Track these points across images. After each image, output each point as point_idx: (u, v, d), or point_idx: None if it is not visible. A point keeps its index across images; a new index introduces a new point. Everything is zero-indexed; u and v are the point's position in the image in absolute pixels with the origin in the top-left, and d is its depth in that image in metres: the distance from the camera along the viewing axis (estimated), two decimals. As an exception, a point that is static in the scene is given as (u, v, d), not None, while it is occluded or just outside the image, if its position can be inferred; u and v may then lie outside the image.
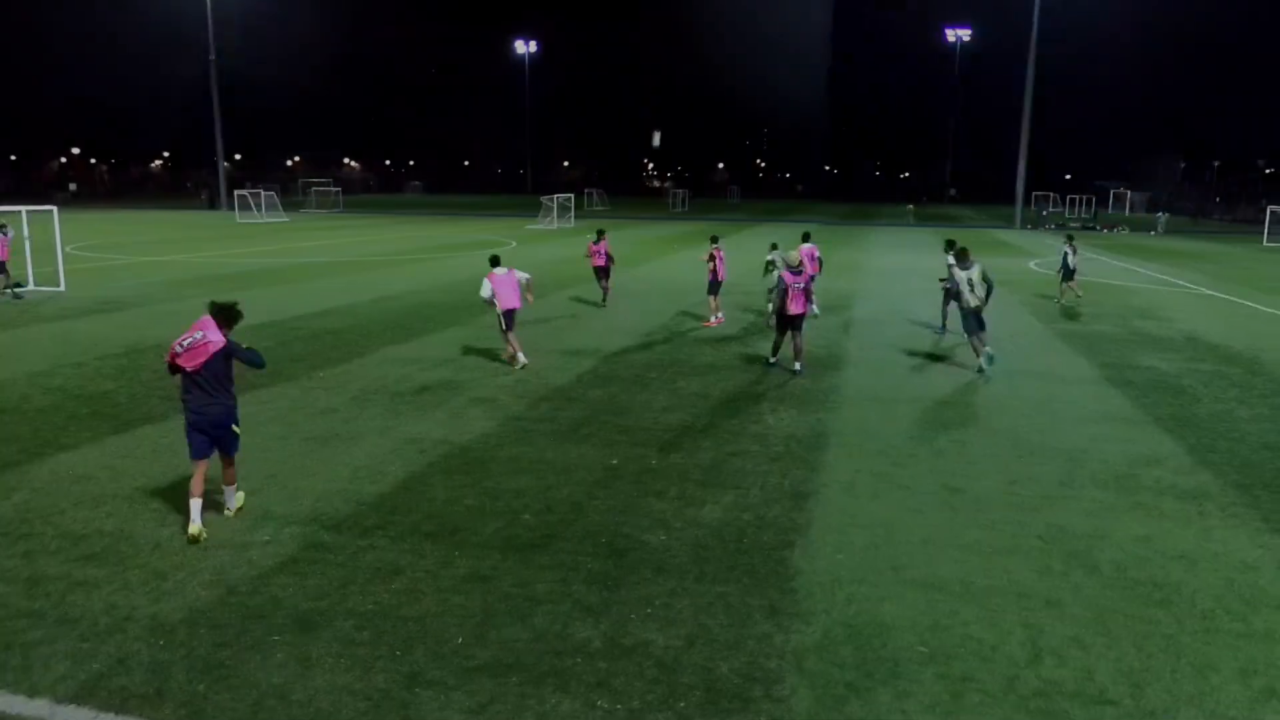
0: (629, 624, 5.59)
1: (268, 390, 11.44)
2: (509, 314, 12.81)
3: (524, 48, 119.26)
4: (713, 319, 17.48)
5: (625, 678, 5.00)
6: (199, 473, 6.84)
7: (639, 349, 14.68)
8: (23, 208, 22.54)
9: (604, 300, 19.80)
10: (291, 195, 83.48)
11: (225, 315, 7.04)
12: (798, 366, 12.90)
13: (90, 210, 65.56)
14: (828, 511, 7.56)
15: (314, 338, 15.28)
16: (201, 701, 4.71)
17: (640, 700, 4.79)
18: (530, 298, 13.47)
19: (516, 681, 4.94)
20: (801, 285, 12.61)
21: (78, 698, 4.73)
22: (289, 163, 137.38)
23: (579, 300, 20.53)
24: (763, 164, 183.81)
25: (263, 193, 60.58)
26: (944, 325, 16.84)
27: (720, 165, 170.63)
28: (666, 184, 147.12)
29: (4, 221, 20.41)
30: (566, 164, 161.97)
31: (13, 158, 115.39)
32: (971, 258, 13.55)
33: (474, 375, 12.48)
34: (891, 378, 12.84)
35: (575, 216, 57.74)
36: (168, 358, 6.93)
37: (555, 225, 52.04)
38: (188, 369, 6.76)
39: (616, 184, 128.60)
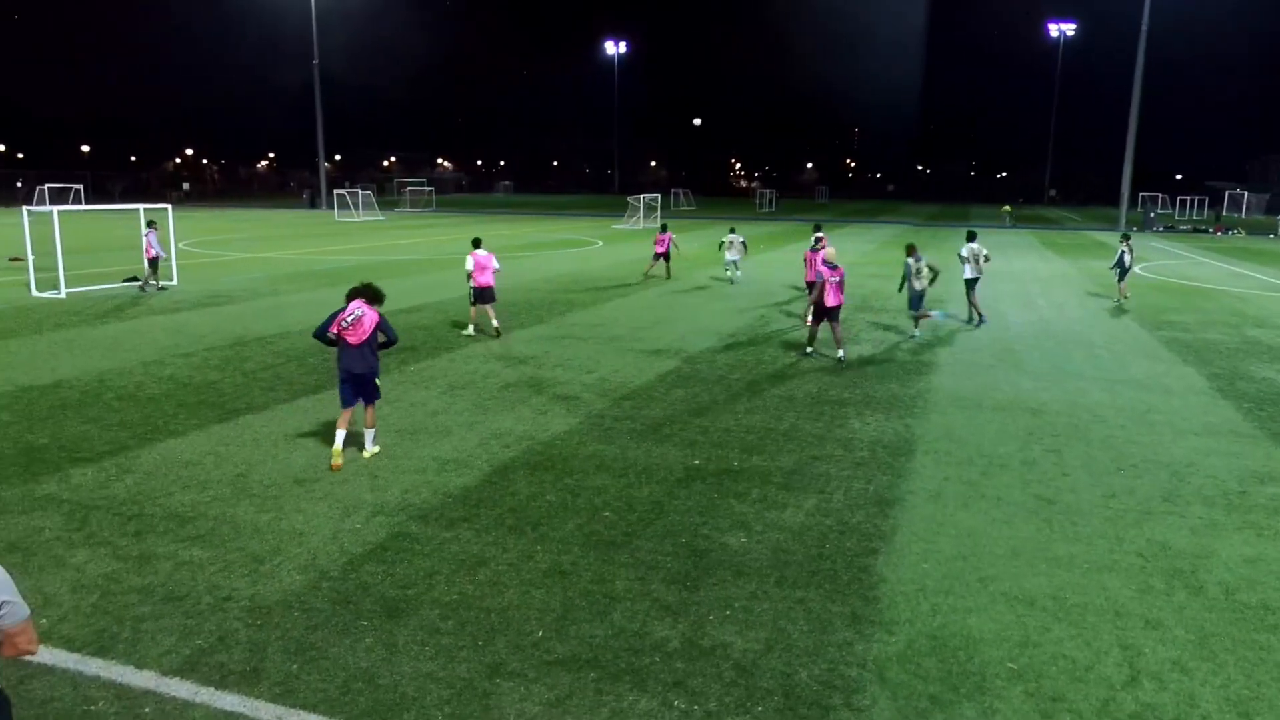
0: (707, 625, 5.58)
1: (361, 383, 11.81)
2: (484, 290, 15.36)
3: (614, 48, 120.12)
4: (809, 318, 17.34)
5: (702, 679, 4.99)
6: (345, 416, 8.56)
7: (722, 350, 14.63)
8: (140, 206, 23.88)
9: (667, 275, 24.62)
10: (387, 195, 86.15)
11: (374, 295, 8.74)
12: (840, 354, 13.75)
13: (201, 208, 68.92)
14: (913, 519, 7.39)
15: (406, 333, 15.71)
16: (294, 681, 4.90)
17: (717, 702, 4.78)
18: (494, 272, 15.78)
19: (594, 677, 4.99)
20: (838, 279, 13.51)
21: (181, 672, 4.98)
22: (385, 163, 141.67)
23: (661, 301, 20.58)
24: (852, 164, 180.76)
25: (360, 192, 62.69)
26: (979, 316, 17.98)
27: (809, 165, 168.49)
28: (754, 184, 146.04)
29: (153, 219, 21.74)
30: (654, 164, 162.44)
31: (132, 159, 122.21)
32: (918, 252, 16.44)
33: (557, 373, 12.64)
34: (982, 383, 12.46)
35: (661, 216, 57.90)
36: (332, 330, 8.48)
37: (641, 225, 52.25)
38: (351, 341, 8.44)
39: (704, 184, 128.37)
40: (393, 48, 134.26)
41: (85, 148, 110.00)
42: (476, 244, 15.78)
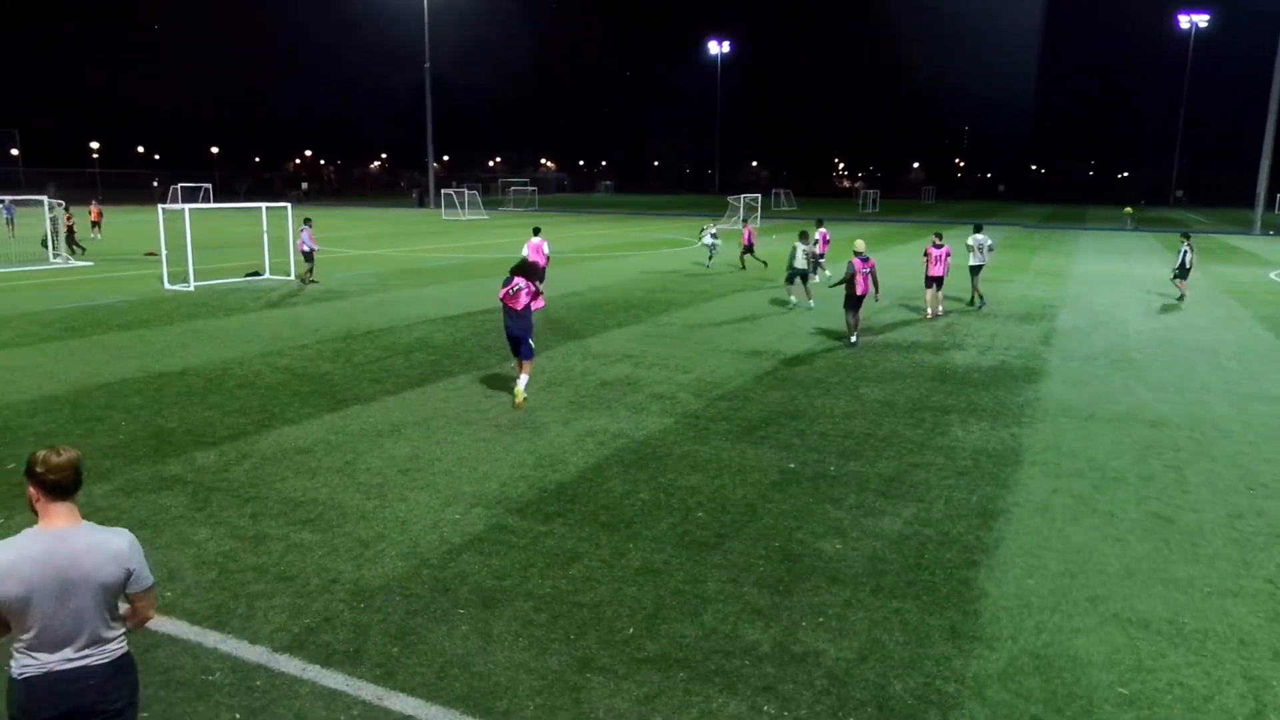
0: (799, 631, 5.51)
1: (463, 378, 12.15)
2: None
3: (717, 48, 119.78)
4: (930, 311, 18.48)
5: (794, 685, 4.93)
6: (517, 364, 10.96)
7: (821, 352, 14.40)
8: (263, 204, 25.19)
9: (742, 265, 26.95)
10: (492, 194, 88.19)
11: (530, 271, 10.92)
12: (853, 339, 14.93)
13: (318, 206, 72.03)
14: (1019, 532, 7.11)
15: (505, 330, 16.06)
16: (394, 664, 5.08)
17: (808, 710, 4.71)
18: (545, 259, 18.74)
19: (684, 677, 4.99)
20: (868, 270, 14.55)
21: (290, 648, 5.22)
22: (490, 163, 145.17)
23: (759, 302, 20.41)
24: (961, 163, 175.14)
25: (466, 192, 64.38)
26: (980, 299, 19.82)
27: (915, 165, 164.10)
28: (856, 184, 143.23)
29: (309, 216, 23.17)
30: (755, 164, 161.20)
31: (256, 160, 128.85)
32: (808, 239, 19.35)
33: (652, 372, 12.70)
34: (1096, 393, 11.89)
35: (762, 216, 57.41)
36: (500, 296, 10.76)
37: (740, 225, 51.94)
38: (516, 307, 10.62)
39: (805, 184, 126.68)
40: (500, 51, 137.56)
41: (214, 149, 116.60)
42: (536, 231, 19.75)
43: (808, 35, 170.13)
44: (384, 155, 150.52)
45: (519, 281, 10.65)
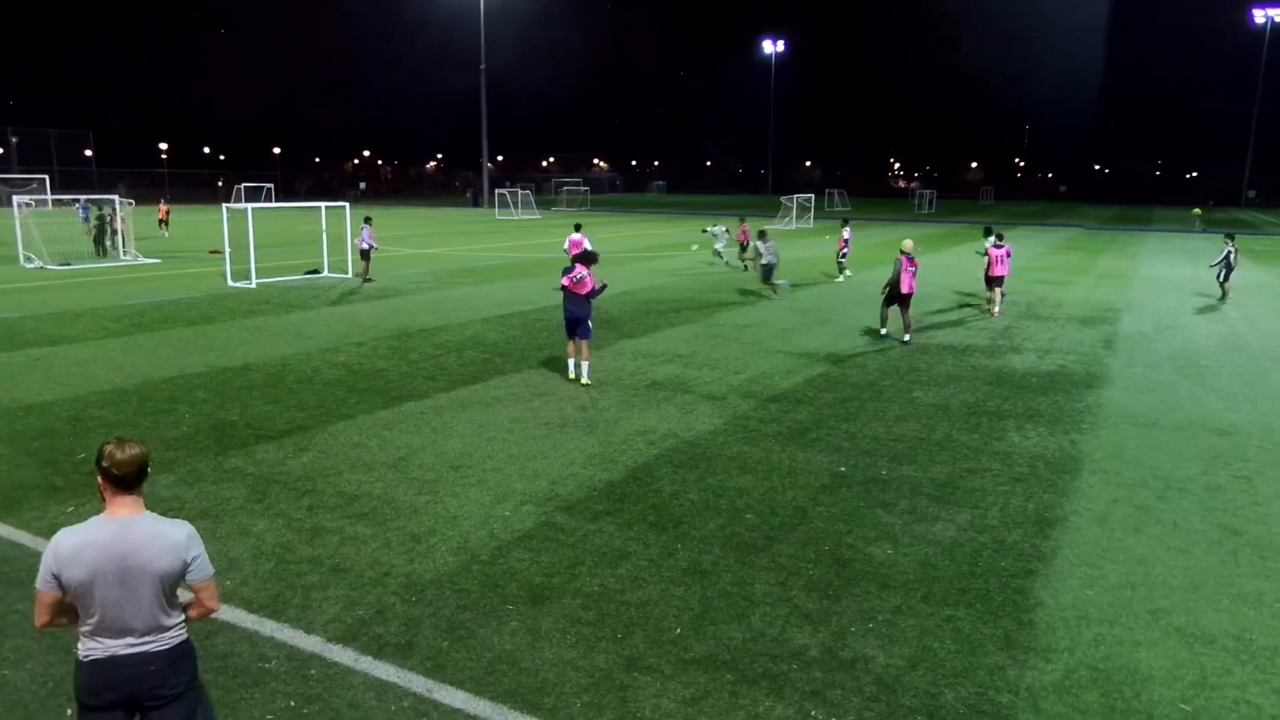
0: (848, 636, 5.45)
1: (515, 375, 12.27)
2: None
3: (771, 47, 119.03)
4: (996, 309, 18.63)
5: (842, 691, 4.87)
6: (570, 347, 12.03)
7: (873, 354, 14.22)
8: (322, 204, 25.73)
9: (744, 266, 26.52)
10: (545, 194, 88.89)
11: (591, 259, 12.07)
12: (907, 338, 15.08)
13: (375, 206, 73.32)
14: (1077, 542, 6.94)
15: (556, 328, 16.16)
16: (444, 657, 5.15)
17: (856, 716, 4.65)
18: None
19: (730, 680, 4.97)
20: (914, 270, 14.91)
21: (343, 639, 5.33)
22: (544, 163, 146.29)
23: (811, 303, 20.23)
24: (1021, 163, 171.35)
25: (519, 191, 65.00)
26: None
27: (973, 165, 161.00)
28: (912, 184, 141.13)
29: (370, 215, 23.79)
30: (808, 164, 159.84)
31: (316, 160, 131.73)
32: (768, 238, 21.11)
33: (703, 373, 12.66)
34: (1160, 400, 11.53)
35: (815, 217, 56.90)
36: (563, 282, 11.62)
37: (794, 225, 51.57)
38: (577, 292, 11.54)
39: (860, 184, 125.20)
40: (555, 52, 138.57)
41: (276, 149, 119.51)
42: (577, 228, 21.65)
43: (864, 33, 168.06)
44: (439, 155, 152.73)
45: (581, 269, 11.62)
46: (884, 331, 15.57)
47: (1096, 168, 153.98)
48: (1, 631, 5.35)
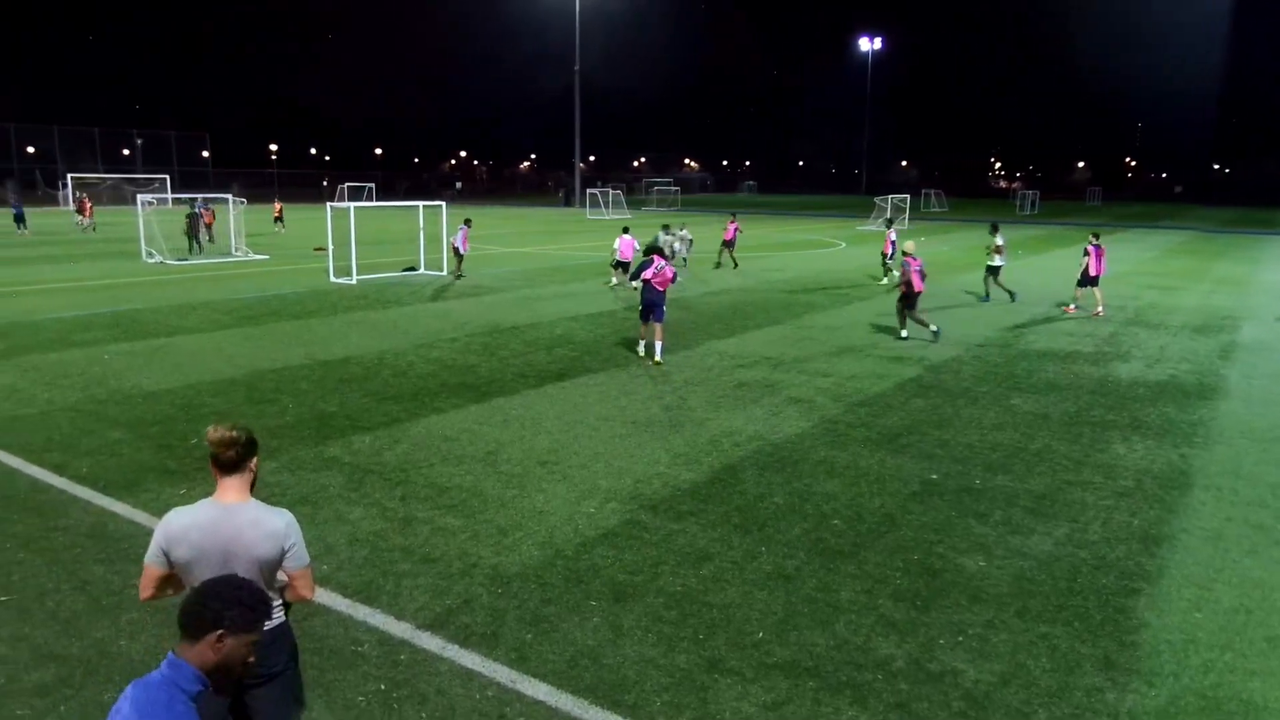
0: (936, 649, 5.30)
1: (603, 373, 12.37)
2: (623, 262, 21.49)
3: (868, 44, 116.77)
4: (1071, 306, 18.91)
5: (928, 704, 4.75)
6: (643, 330, 13.40)
7: (969, 360, 13.80)
8: (419, 203, 26.48)
9: (734, 264, 26.95)
10: (635, 194, 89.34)
11: (661, 251, 13.33)
12: (934, 328, 15.29)
13: (470, 205, 75.02)
14: (1186, 561, 6.58)
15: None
16: (527, 649, 5.23)
17: (943, 731, 4.53)
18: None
19: (813, 686, 4.90)
20: (917, 267, 15.05)
21: (432, 627, 5.47)
22: (635, 163, 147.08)
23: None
24: (1132, 162, 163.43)
25: (610, 191, 65.50)
26: (987, 295, 20.49)
27: (1080, 164, 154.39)
28: (1014, 184, 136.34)
29: (470, 219, 24.46)
30: (904, 163, 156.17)
31: (415, 160, 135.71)
32: (672, 230, 24.32)
33: (791, 375, 12.52)
34: (1284, 415, 10.84)
35: (910, 218, 55.55)
36: (645, 275, 12.94)
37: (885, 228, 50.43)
38: (656, 284, 12.86)
39: (958, 184, 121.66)
40: (647, 52, 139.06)
41: (378, 150, 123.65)
42: (625, 230, 22.72)
43: (964, 28, 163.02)
44: (533, 156, 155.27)
45: (660, 261, 12.99)
46: (904, 335, 15.49)
47: (1216, 167, 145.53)
48: (119, 605, 5.69)
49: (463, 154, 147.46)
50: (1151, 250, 37.80)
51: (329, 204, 25.67)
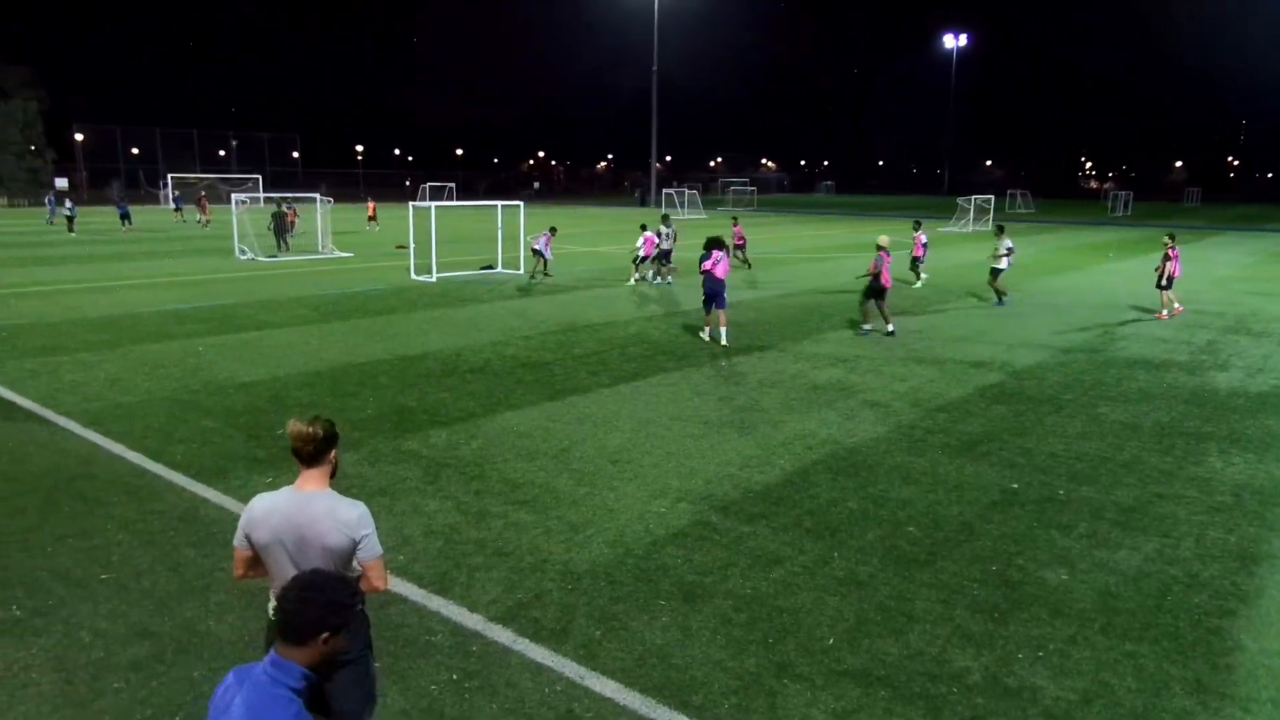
0: (1015, 663, 5.14)
1: (677, 373, 12.37)
2: (648, 257, 22.69)
3: (952, 41, 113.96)
4: (1163, 312, 18.27)
5: (1005, 720, 4.61)
6: (708, 318, 14.66)
7: (1054, 367, 13.34)
8: (498, 202, 26.91)
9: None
10: (711, 194, 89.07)
11: (719, 243, 14.13)
12: (890, 328, 15.55)
13: (548, 205, 75.97)
14: (1287, 582, 6.24)
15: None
16: (596, 646, 5.27)
17: (1020, 748, 4.39)
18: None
19: (884, 696, 4.81)
20: (889, 262, 15.44)
21: (503, 620, 5.56)
22: (711, 163, 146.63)
23: (986, 311, 19.22)
24: (1235, 161, 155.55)
25: (685, 191, 65.47)
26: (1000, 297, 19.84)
27: (1178, 164, 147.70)
28: (1106, 185, 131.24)
29: (555, 227, 25.28)
30: (989, 163, 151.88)
31: (495, 161, 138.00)
32: (667, 225, 23.47)
33: (867, 378, 12.31)
34: (1400, 430, 10.17)
35: (993, 219, 54.01)
36: (705, 267, 14.07)
37: (970, 229, 49.17)
38: (716, 274, 14.03)
39: (1046, 185, 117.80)
40: (725, 52, 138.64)
41: (459, 151, 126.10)
42: (644, 228, 23.81)
43: (1053, 22, 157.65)
44: (609, 156, 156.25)
45: (718, 254, 13.95)
46: (867, 328, 15.76)
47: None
48: (209, 586, 5.94)
49: (541, 154, 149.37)
50: (1253, 255, 35.93)
51: (410, 203, 26.29)
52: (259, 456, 8.58)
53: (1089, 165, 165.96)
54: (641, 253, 23.10)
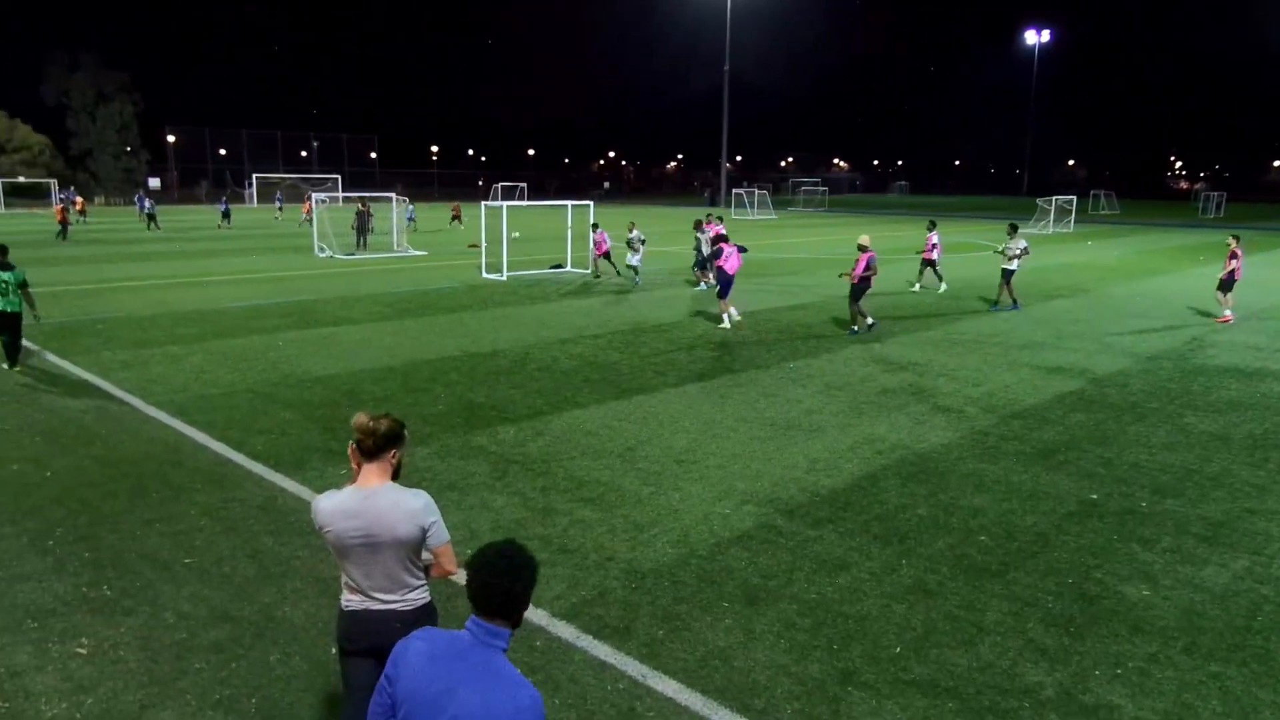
0: (1090, 680, 4.97)
1: (743, 374, 12.30)
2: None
3: (1034, 37, 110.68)
4: (1226, 314, 17.75)
5: (1079, 738, 4.46)
6: (723, 304, 16.17)
7: (1138, 373, 12.85)
8: (568, 202, 27.15)
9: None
10: (782, 194, 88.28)
11: (727, 239, 16.38)
12: (870, 322, 15.92)
13: (619, 205, 76.37)
14: (1390, 606, 5.89)
15: (787, 329, 16.04)
16: (658, 646, 5.27)
17: (1095, 768, 4.24)
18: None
19: (953, 708, 4.70)
20: (869, 260, 15.61)
21: (567, 616, 5.61)
22: (782, 163, 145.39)
23: (1063, 314, 18.61)
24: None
25: (755, 191, 65.02)
26: (1015, 301, 19.02)
27: (1276, 164, 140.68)
28: (1197, 185, 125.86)
29: (597, 222, 25.23)
30: (1071, 163, 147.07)
31: (565, 160, 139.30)
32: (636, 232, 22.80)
33: (940, 382, 12.04)
34: None
35: (1076, 220, 52.30)
36: (720, 263, 15.98)
37: (1051, 230, 47.68)
38: (726, 268, 15.80)
39: (1132, 184, 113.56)
40: (797, 50, 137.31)
41: (530, 151, 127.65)
42: (595, 227, 24.27)
43: (1141, 15, 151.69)
44: (679, 156, 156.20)
45: (729, 249, 15.89)
46: (857, 329, 15.89)
47: None
48: (284, 574, 6.13)
49: (611, 154, 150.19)
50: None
51: (483, 203, 26.72)
52: (334, 448, 8.82)
53: (1178, 165, 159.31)
54: (597, 252, 23.83)
